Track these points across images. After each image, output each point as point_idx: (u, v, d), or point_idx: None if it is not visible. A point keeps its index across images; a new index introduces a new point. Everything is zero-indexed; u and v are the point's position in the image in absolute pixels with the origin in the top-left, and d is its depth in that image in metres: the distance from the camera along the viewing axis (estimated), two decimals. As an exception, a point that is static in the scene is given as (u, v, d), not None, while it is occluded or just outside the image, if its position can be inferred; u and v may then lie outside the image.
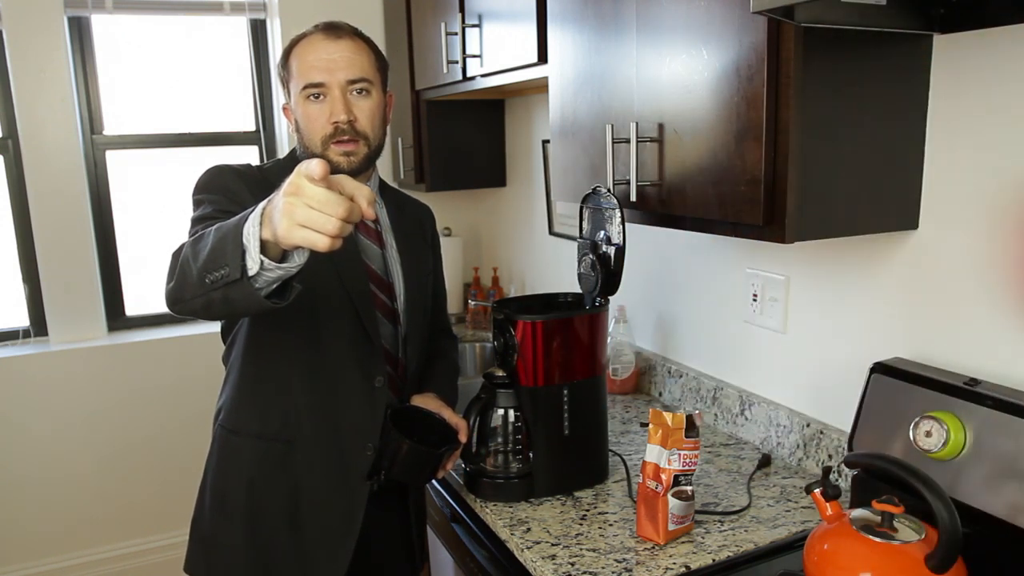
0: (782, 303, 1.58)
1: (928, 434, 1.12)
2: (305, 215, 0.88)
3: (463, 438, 1.42)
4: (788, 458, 1.58)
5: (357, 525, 1.36)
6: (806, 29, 1.06)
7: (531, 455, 1.44)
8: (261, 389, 1.36)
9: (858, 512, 1.02)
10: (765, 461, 1.56)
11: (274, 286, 1.00)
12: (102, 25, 2.62)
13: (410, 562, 1.55)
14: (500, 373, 1.45)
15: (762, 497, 1.43)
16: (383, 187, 1.50)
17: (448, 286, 2.87)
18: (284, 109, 1.42)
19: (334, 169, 1.33)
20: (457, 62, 2.12)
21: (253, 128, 2.86)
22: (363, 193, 0.91)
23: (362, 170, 1.38)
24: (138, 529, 2.75)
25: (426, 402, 1.44)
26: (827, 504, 1.05)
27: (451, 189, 2.76)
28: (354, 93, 1.33)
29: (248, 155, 2.85)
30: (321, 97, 1.32)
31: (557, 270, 2.53)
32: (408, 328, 1.45)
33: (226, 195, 1.28)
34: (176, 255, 1.09)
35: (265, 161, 2.79)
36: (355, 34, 1.36)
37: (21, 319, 2.66)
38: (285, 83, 1.39)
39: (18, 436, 2.56)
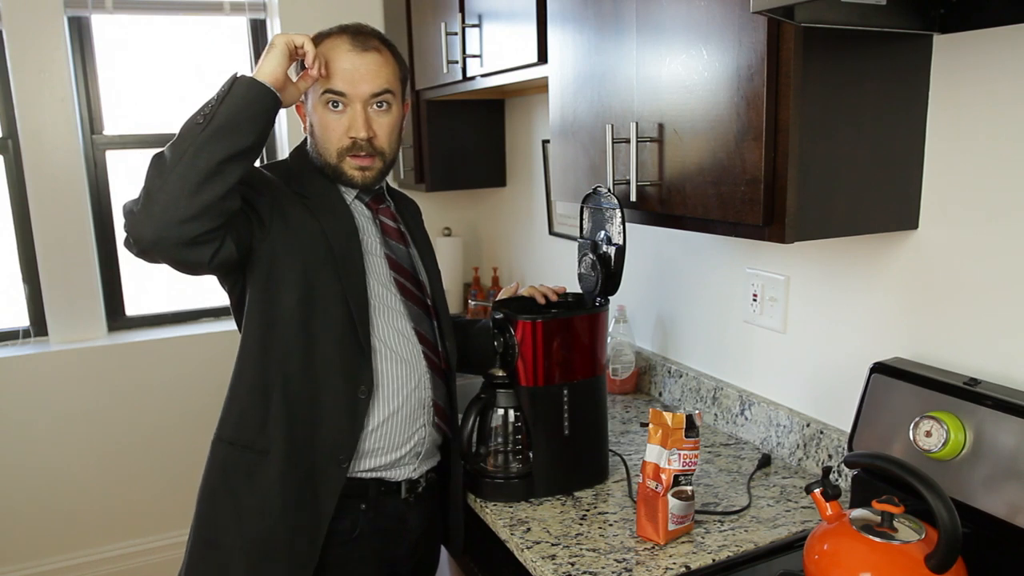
0: (782, 303, 1.58)
1: (928, 434, 1.12)
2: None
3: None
4: (788, 458, 1.58)
5: (318, 548, 1.29)
6: (806, 29, 1.06)
7: (531, 455, 1.44)
8: (243, 393, 1.31)
9: (858, 512, 1.02)
10: (765, 461, 1.56)
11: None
12: (102, 25, 2.62)
13: (446, 543, 1.54)
14: (500, 373, 1.45)
15: (762, 497, 1.43)
16: (387, 188, 1.50)
17: (448, 286, 2.90)
18: (297, 107, 1.38)
19: (348, 182, 1.35)
20: (457, 62, 2.12)
21: (253, 128, 2.86)
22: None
23: (376, 184, 1.38)
24: (138, 529, 2.75)
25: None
26: (827, 504, 1.05)
27: (451, 189, 2.76)
28: (374, 107, 1.32)
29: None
30: (341, 107, 1.31)
31: (557, 270, 2.53)
32: (443, 322, 1.45)
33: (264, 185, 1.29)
34: (133, 203, 1.14)
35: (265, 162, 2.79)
36: (381, 43, 1.34)
37: (21, 319, 2.66)
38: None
39: (18, 436, 2.55)
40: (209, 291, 2.88)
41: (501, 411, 1.46)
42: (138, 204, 1.12)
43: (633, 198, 1.35)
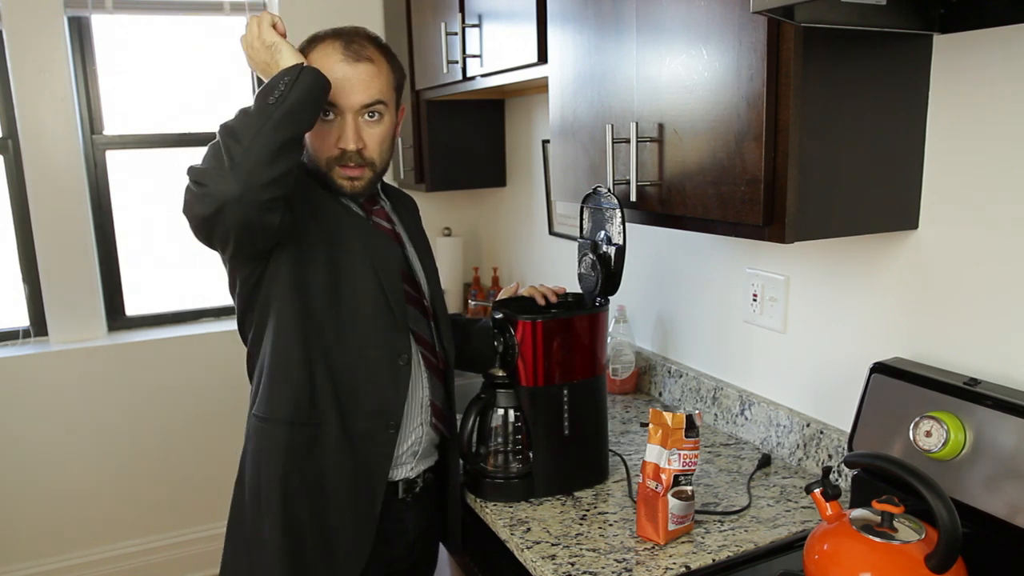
0: (782, 303, 1.58)
1: (928, 434, 1.12)
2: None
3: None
4: (788, 458, 1.58)
5: (377, 509, 1.34)
6: (806, 29, 1.06)
7: (531, 455, 1.44)
8: (290, 373, 1.31)
9: (858, 512, 1.02)
10: (765, 461, 1.56)
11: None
12: (102, 25, 2.62)
13: (444, 541, 1.55)
14: (500, 373, 1.45)
15: (762, 497, 1.43)
16: (383, 186, 1.50)
17: (448, 286, 2.91)
18: None
19: (338, 191, 1.36)
20: (457, 62, 2.12)
21: (253, 128, 2.86)
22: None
23: (366, 193, 1.38)
24: (138, 529, 2.75)
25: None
26: (827, 504, 1.05)
27: (451, 189, 2.76)
28: (366, 117, 1.32)
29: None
30: (331, 116, 1.31)
31: (557, 270, 2.53)
32: (440, 322, 1.46)
33: None
34: (199, 165, 1.19)
35: None
36: (376, 50, 1.33)
37: (21, 319, 2.66)
38: None
39: (18, 436, 2.55)
40: (209, 291, 2.88)
41: (501, 411, 1.46)
42: (221, 165, 1.15)
43: (633, 198, 1.35)
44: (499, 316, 1.44)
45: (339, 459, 1.32)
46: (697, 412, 1.48)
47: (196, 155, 1.22)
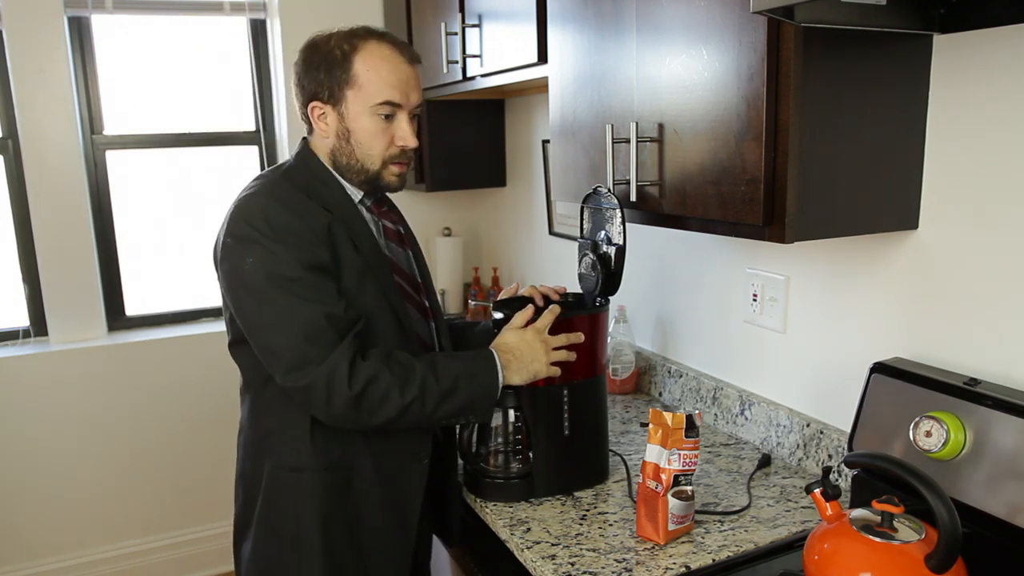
0: (782, 303, 1.58)
1: (928, 434, 1.12)
2: (554, 355, 1.35)
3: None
4: (788, 458, 1.58)
5: (413, 538, 1.40)
6: (806, 29, 1.06)
7: (531, 455, 1.44)
8: (319, 420, 1.29)
9: (858, 512, 1.02)
10: (765, 461, 1.56)
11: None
12: (102, 25, 2.62)
13: (443, 536, 1.57)
14: (500, 373, 1.45)
15: (762, 497, 1.43)
16: None
17: (448, 286, 2.91)
18: (312, 108, 1.33)
19: (385, 188, 1.38)
20: (457, 62, 2.12)
21: (253, 128, 2.86)
22: (553, 315, 1.37)
23: (403, 187, 1.41)
24: (138, 529, 2.75)
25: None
26: (827, 504, 1.05)
27: (451, 189, 2.76)
28: (410, 117, 1.36)
29: (248, 155, 2.86)
30: (390, 117, 1.32)
31: (557, 270, 2.53)
32: (439, 324, 1.47)
33: (305, 241, 1.25)
34: (363, 395, 1.22)
35: (266, 165, 2.79)
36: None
37: (21, 319, 2.66)
38: (340, 85, 1.30)
39: (17, 436, 2.55)
40: (209, 291, 2.88)
41: (501, 411, 1.46)
42: (384, 409, 1.23)
43: (633, 198, 1.35)
44: (499, 316, 1.44)
45: (374, 496, 1.35)
46: (697, 412, 1.48)
47: (196, 155, 1.20)
